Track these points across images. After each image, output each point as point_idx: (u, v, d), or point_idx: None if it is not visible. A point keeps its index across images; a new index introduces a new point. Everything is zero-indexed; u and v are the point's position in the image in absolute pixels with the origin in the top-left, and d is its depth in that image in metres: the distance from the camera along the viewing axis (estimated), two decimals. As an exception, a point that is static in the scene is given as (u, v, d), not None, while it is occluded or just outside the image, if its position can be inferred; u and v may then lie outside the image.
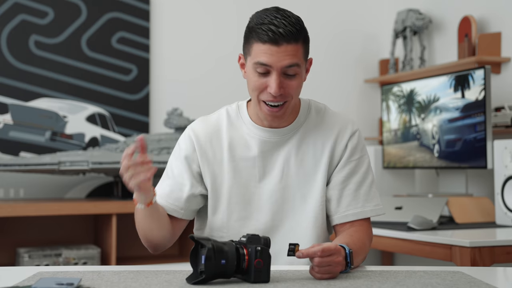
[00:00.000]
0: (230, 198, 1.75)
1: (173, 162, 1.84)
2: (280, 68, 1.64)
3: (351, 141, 1.78)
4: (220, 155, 1.77)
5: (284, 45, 1.62)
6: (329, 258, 1.46)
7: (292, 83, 1.67)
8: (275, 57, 1.63)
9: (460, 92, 3.16)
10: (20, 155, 3.63)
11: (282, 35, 1.62)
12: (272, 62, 1.63)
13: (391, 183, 3.70)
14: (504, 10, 3.41)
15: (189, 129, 1.83)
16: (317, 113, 1.81)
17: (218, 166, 1.77)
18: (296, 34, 1.64)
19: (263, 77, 1.66)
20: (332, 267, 1.47)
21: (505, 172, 2.87)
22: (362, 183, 1.77)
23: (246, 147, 1.77)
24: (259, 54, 1.64)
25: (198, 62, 4.00)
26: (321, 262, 1.45)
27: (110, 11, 3.84)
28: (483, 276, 1.53)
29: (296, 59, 1.64)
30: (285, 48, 1.63)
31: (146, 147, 1.62)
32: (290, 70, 1.65)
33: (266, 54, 1.63)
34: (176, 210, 1.78)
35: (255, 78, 1.67)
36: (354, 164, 1.77)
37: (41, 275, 1.48)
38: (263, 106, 1.69)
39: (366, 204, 1.76)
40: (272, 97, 1.66)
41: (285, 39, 1.62)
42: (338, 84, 4.30)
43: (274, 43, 1.62)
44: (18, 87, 3.65)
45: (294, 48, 1.64)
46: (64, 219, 3.62)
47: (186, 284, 1.39)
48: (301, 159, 1.76)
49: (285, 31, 1.62)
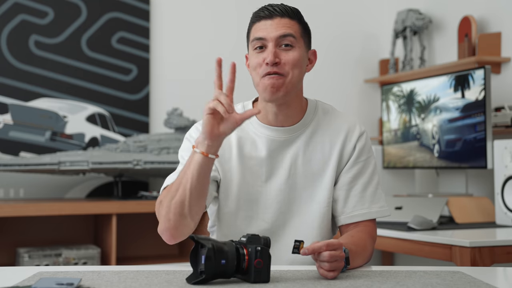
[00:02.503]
0: (238, 196, 1.74)
1: (185, 153, 1.74)
2: (274, 39, 1.67)
3: (360, 142, 1.78)
4: (229, 152, 1.75)
5: (278, 18, 1.68)
6: (336, 252, 1.45)
7: (288, 54, 1.68)
8: (269, 29, 1.68)
9: (460, 92, 3.16)
10: (20, 155, 3.63)
11: (276, 10, 1.69)
12: (266, 34, 1.67)
13: (391, 183, 3.70)
14: (504, 10, 3.41)
15: (198, 124, 1.78)
16: (324, 114, 1.81)
17: (227, 163, 1.75)
18: (291, 13, 1.70)
19: (261, 54, 1.69)
20: (338, 262, 1.46)
21: (505, 172, 2.86)
22: (369, 184, 1.77)
23: (254, 146, 1.76)
24: (255, 32, 1.70)
25: (198, 62, 4.00)
26: (332, 255, 1.43)
27: (110, 11, 3.84)
28: (483, 276, 1.53)
29: (290, 30, 1.68)
30: (278, 20, 1.68)
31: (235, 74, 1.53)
32: (284, 40, 1.68)
33: (261, 29, 1.69)
34: None
35: (254, 56, 1.70)
36: (361, 165, 1.77)
37: (41, 275, 1.47)
38: (262, 81, 1.68)
39: (372, 206, 1.76)
40: (270, 67, 1.66)
41: (279, 14, 1.69)
42: (338, 84, 4.30)
43: (268, 18, 1.69)
44: (18, 87, 3.65)
45: (288, 22, 1.69)
46: (64, 219, 3.62)
47: (186, 284, 1.39)
48: (309, 159, 1.75)
49: (280, 8, 1.69)
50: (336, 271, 1.45)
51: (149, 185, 3.88)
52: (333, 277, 1.45)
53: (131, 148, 3.55)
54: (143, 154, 3.51)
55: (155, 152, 3.53)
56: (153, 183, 3.89)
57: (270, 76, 1.66)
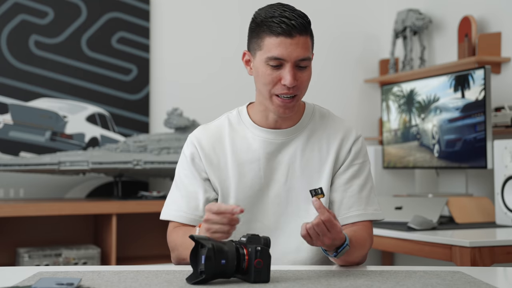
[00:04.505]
0: (237, 202, 1.75)
1: (181, 172, 1.80)
2: (294, 61, 1.65)
3: (355, 145, 1.79)
4: (224, 160, 1.77)
5: (297, 36, 1.64)
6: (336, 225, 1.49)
7: (303, 75, 1.68)
8: (289, 49, 1.64)
9: (460, 92, 3.16)
10: (20, 155, 3.63)
11: (295, 26, 1.64)
12: (287, 55, 1.64)
13: (391, 183, 3.70)
14: (504, 10, 3.41)
15: (192, 137, 1.81)
16: (321, 117, 1.82)
17: (224, 171, 1.76)
18: (307, 26, 1.67)
19: (276, 70, 1.66)
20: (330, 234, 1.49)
21: (505, 172, 2.86)
22: (364, 186, 1.78)
23: (250, 150, 1.76)
24: (271, 48, 1.65)
25: (198, 62, 4.00)
26: (331, 220, 1.47)
27: (110, 11, 3.84)
28: (483, 276, 1.53)
29: (308, 52, 1.67)
30: (298, 40, 1.64)
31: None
32: (302, 62, 1.66)
33: (280, 47, 1.64)
34: (196, 220, 1.75)
35: (268, 72, 1.67)
36: (357, 168, 1.78)
37: (41, 275, 1.48)
38: (275, 99, 1.69)
39: (367, 207, 1.76)
40: (287, 89, 1.66)
41: (298, 30, 1.64)
42: (338, 84, 4.30)
43: (287, 35, 1.63)
44: (18, 87, 3.65)
45: (305, 40, 1.66)
46: (64, 219, 3.62)
47: (186, 284, 1.39)
48: (306, 161, 1.76)
49: (297, 23, 1.64)
50: (320, 241, 1.49)
51: (149, 185, 3.88)
52: (315, 243, 1.50)
53: (131, 148, 3.55)
54: (143, 154, 3.51)
55: (155, 152, 3.53)
56: (153, 183, 3.89)
57: (285, 99, 1.68)
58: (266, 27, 1.65)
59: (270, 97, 1.69)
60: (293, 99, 1.69)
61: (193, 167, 1.77)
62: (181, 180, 1.79)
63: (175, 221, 1.77)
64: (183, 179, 1.79)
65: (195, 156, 1.78)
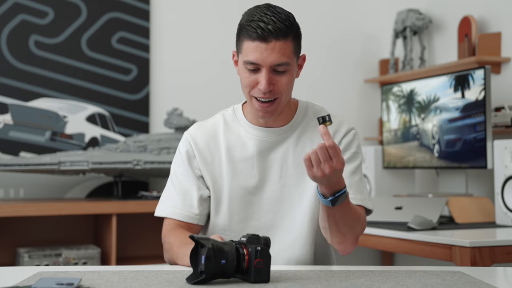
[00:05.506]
0: (231, 200, 1.76)
1: (176, 169, 1.82)
2: (269, 66, 1.65)
3: (346, 137, 1.79)
4: (218, 158, 1.78)
5: (273, 41, 1.63)
6: (338, 153, 1.48)
7: (282, 79, 1.67)
8: (264, 54, 1.64)
9: (460, 92, 3.16)
10: (20, 155, 3.63)
11: (271, 31, 1.63)
12: (261, 60, 1.64)
13: (391, 183, 3.70)
14: (504, 10, 3.41)
15: (187, 134, 1.83)
16: (315, 114, 1.82)
17: (217, 169, 1.78)
18: (285, 31, 1.64)
19: (253, 74, 1.67)
20: (332, 162, 1.47)
21: (505, 172, 2.87)
22: (354, 174, 1.77)
23: (244, 148, 1.78)
24: (248, 52, 1.66)
25: (198, 63, 4.00)
26: (333, 145, 1.47)
27: (110, 11, 3.84)
28: (483, 276, 1.53)
29: (285, 58, 1.65)
30: (273, 45, 1.63)
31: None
32: (279, 67, 1.66)
33: (255, 52, 1.65)
34: (191, 217, 1.77)
35: (246, 75, 1.69)
36: (347, 156, 1.77)
37: (41, 275, 1.47)
38: (254, 102, 1.71)
39: (357, 194, 1.75)
40: (262, 93, 1.67)
41: (274, 35, 1.63)
42: (338, 84, 4.30)
43: (262, 40, 1.63)
44: (18, 87, 3.65)
45: (283, 45, 1.64)
46: (64, 219, 3.62)
47: (186, 284, 1.39)
48: (299, 158, 1.77)
49: (273, 28, 1.63)
50: (321, 169, 1.47)
51: (149, 185, 3.88)
52: (316, 172, 1.48)
53: (131, 148, 3.55)
54: (143, 154, 3.51)
55: (155, 152, 3.53)
56: (153, 183, 3.89)
57: (263, 102, 1.68)
58: (245, 30, 1.67)
59: (250, 99, 1.71)
60: (273, 103, 1.69)
61: (188, 164, 1.79)
62: (177, 177, 1.80)
63: (170, 218, 1.77)
64: (178, 176, 1.80)
65: (189, 153, 1.79)
